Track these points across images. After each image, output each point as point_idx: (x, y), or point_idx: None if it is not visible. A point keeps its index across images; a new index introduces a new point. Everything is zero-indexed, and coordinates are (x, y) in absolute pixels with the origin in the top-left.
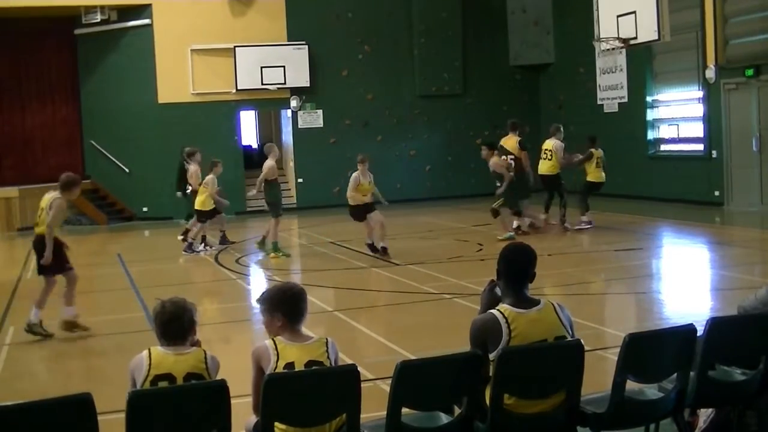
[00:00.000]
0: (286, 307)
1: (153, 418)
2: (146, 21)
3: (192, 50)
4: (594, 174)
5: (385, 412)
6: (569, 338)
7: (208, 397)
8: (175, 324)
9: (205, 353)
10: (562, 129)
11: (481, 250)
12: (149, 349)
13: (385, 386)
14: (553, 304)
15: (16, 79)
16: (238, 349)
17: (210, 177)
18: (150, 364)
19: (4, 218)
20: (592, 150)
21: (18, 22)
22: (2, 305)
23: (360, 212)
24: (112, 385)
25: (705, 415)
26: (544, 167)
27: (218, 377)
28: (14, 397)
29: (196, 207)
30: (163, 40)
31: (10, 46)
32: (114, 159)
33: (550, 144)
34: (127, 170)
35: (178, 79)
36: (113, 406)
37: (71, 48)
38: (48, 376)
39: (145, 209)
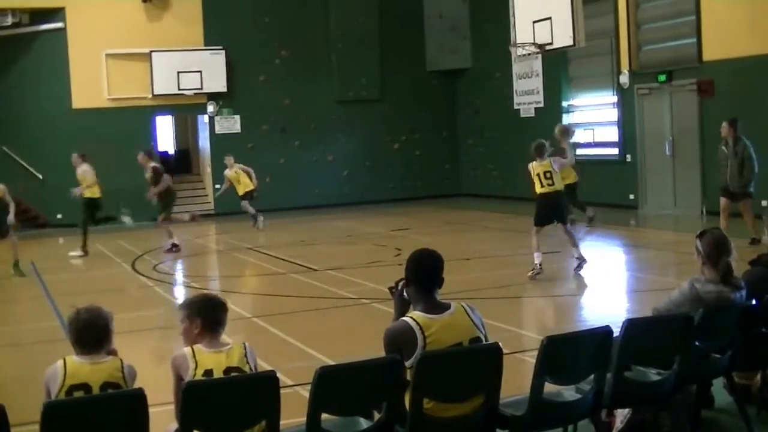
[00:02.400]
0: (205, 314)
1: (69, 429)
2: (59, 24)
3: (107, 54)
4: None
5: (304, 419)
6: (484, 340)
7: (125, 406)
8: (91, 332)
9: (122, 362)
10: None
11: (399, 254)
12: (64, 359)
13: (305, 392)
14: (463, 307)
15: None
16: (155, 358)
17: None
18: (65, 374)
19: None
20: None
21: None
22: None
23: None
24: (26, 397)
25: (622, 415)
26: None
27: (135, 386)
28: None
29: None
30: (76, 44)
31: None
32: (26, 165)
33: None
34: (40, 176)
35: (93, 84)
36: (27, 417)
37: None
38: None
39: (59, 216)
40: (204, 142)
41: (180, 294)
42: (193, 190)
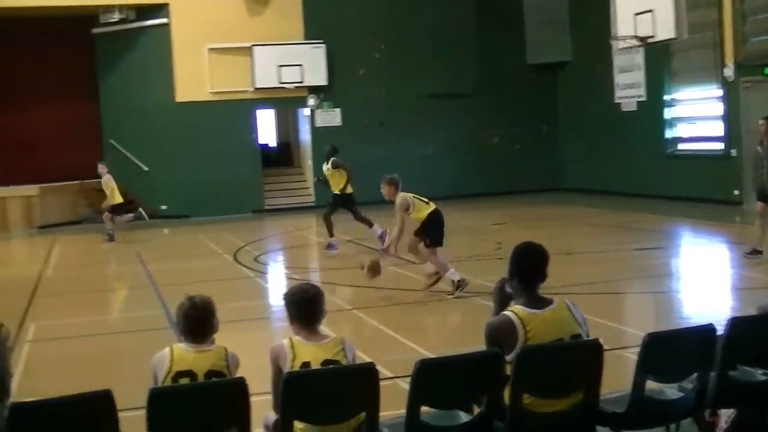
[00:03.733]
0: (302, 307)
1: (173, 415)
2: (164, 20)
3: (209, 49)
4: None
5: (403, 411)
6: (585, 337)
7: (227, 394)
8: (199, 320)
9: (226, 351)
10: None
11: (499, 248)
12: (171, 346)
13: (404, 384)
14: (566, 303)
15: (35, 78)
16: (256, 348)
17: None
18: (171, 361)
19: (25, 216)
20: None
21: (36, 22)
22: (23, 303)
23: None
24: (132, 383)
25: (726, 415)
26: None
27: (237, 375)
28: (35, 394)
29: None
30: (180, 39)
31: (28, 45)
32: (133, 158)
33: None
34: (146, 169)
35: (196, 78)
36: (134, 403)
37: (89, 48)
38: (68, 373)
39: (164, 207)
40: (304, 135)
41: (280, 285)
42: (294, 183)
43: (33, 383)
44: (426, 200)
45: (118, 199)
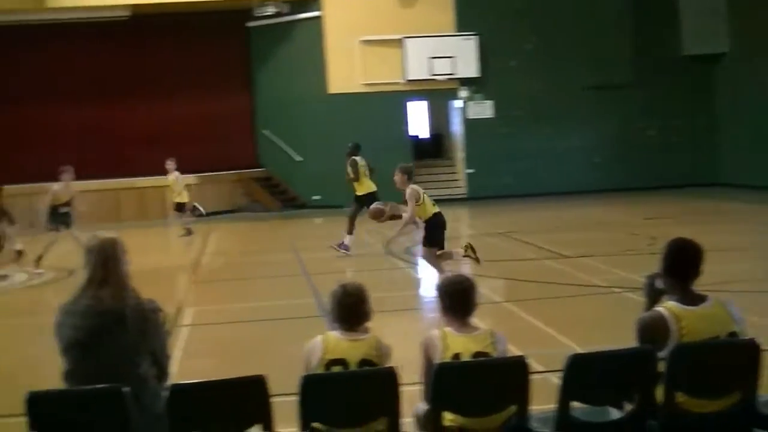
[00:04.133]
0: (454, 299)
1: (324, 402)
2: (317, 13)
3: (361, 41)
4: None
5: (553, 405)
6: (741, 335)
7: (378, 383)
8: (353, 307)
9: (379, 340)
10: None
11: (653, 244)
12: (325, 334)
13: (555, 379)
14: (722, 300)
15: (192, 71)
16: (407, 338)
17: None
18: (325, 349)
19: None
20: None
21: (193, 16)
22: (181, 288)
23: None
24: (283, 369)
25: None
26: None
27: (388, 365)
28: (191, 376)
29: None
30: (333, 31)
31: (185, 39)
32: (286, 148)
33: None
34: (299, 159)
35: (348, 69)
36: (285, 388)
37: (244, 40)
38: (223, 357)
39: (316, 197)
40: (456, 127)
41: (431, 276)
42: (445, 174)
43: (190, 366)
44: (433, 202)
45: (184, 198)
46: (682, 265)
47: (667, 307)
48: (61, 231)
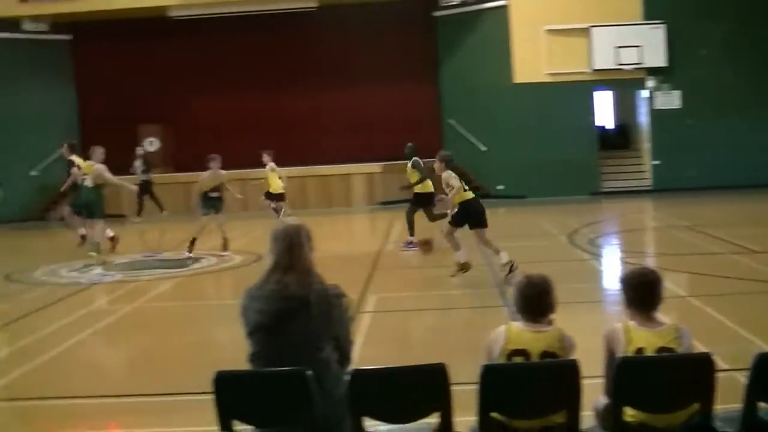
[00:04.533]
0: (639, 292)
1: (505, 393)
2: (503, 2)
3: (547, 30)
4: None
5: (738, 405)
6: None
7: (559, 375)
8: (537, 298)
9: (562, 333)
10: None
11: None
12: (508, 325)
13: (741, 378)
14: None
15: (378, 60)
16: (589, 331)
17: None
18: (507, 339)
19: (368, 192)
20: None
21: (379, 6)
22: (365, 275)
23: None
24: (462, 358)
25: None
26: None
27: (571, 358)
28: (372, 363)
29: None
30: (518, 20)
31: (371, 29)
32: (471, 138)
33: None
34: (483, 149)
35: (533, 59)
36: (463, 377)
37: (430, 30)
38: (403, 344)
39: (500, 187)
40: (642, 117)
41: (615, 269)
42: (631, 165)
43: (372, 352)
44: (467, 188)
45: (275, 188)
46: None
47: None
48: (212, 215)
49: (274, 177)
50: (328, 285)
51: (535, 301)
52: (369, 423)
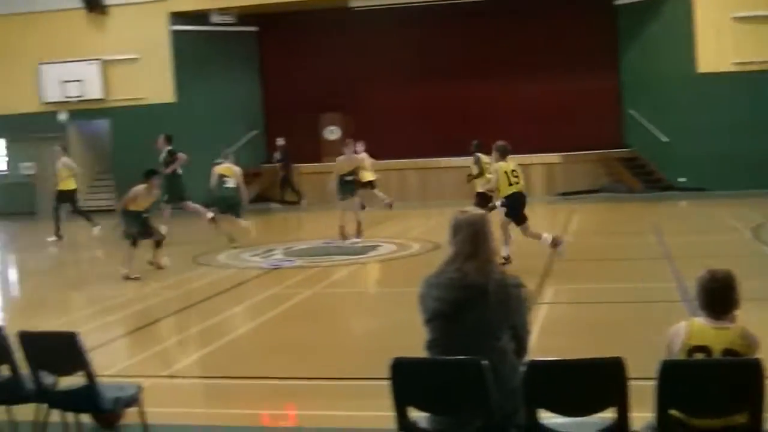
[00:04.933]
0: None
1: (685, 389)
2: None
3: (733, 18)
4: None
5: None
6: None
7: (741, 374)
8: (720, 294)
9: (746, 330)
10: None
11: None
12: (690, 320)
13: None
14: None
15: (556, 49)
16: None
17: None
18: (689, 335)
19: (547, 183)
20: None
21: None
22: (542, 266)
23: None
24: (639, 352)
25: None
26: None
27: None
28: (546, 354)
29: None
30: (703, 8)
31: (552, 18)
32: (652, 128)
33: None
34: (665, 140)
35: (719, 48)
36: (640, 372)
37: (611, 19)
38: (578, 336)
39: (682, 179)
40: None
41: None
42: None
43: (546, 343)
44: (515, 182)
45: (370, 177)
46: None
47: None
48: (347, 200)
49: (369, 166)
50: (507, 275)
51: (719, 297)
52: (544, 414)
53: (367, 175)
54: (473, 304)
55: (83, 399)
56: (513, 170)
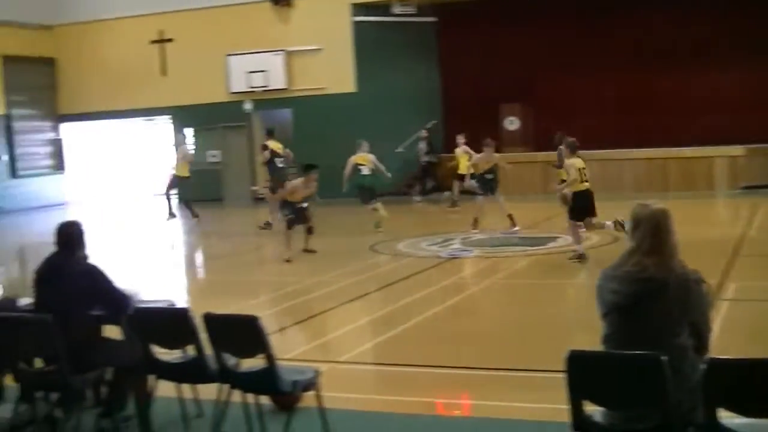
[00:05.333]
0: None
1: None
2: None
3: None
4: None
5: None
6: None
7: None
8: None
9: None
10: None
11: None
12: None
13: None
14: None
15: (742, 38)
16: None
17: None
18: None
19: (730, 176)
20: None
21: None
22: (724, 262)
23: None
24: None
25: None
26: None
27: None
28: (725, 352)
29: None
30: None
31: (737, 5)
32: None
33: None
34: None
35: None
36: None
37: None
38: (757, 335)
39: None
40: None
41: None
42: None
43: (728, 341)
44: (586, 180)
45: (463, 170)
46: None
47: None
48: (488, 195)
49: (464, 159)
50: (689, 269)
51: None
52: (723, 414)
53: (463, 168)
54: (652, 299)
55: (263, 381)
56: (583, 168)
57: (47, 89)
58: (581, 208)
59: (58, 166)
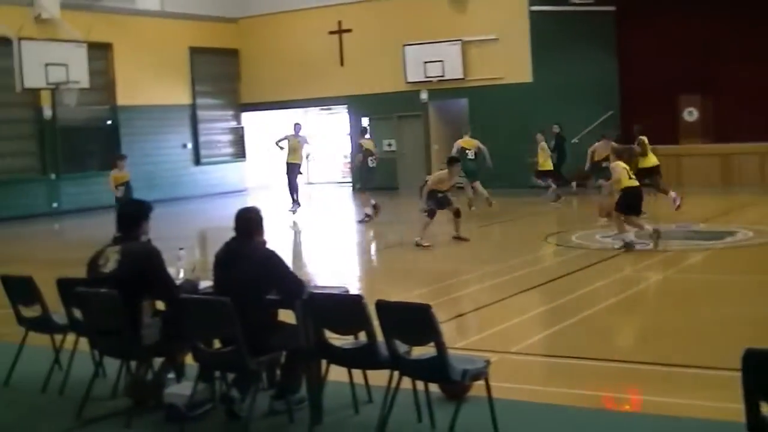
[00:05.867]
0: None
1: None
2: None
3: None
4: None
5: None
6: None
7: None
8: None
9: None
10: None
11: None
12: None
13: None
14: None
15: None
16: None
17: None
18: None
19: None
20: None
21: None
22: None
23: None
24: None
25: None
26: None
27: None
28: None
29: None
30: None
31: None
32: None
33: None
34: None
35: None
36: None
37: None
38: None
39: None
40: None
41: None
42: None
43: None
44: (632, 176)
45: (547, 166)
46: None
47: None
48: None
49: (544, 155)
50: None
51: None
52: None
53: (545, 164)
54: None
55: (433, 369)
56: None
57: (230, 80)
58: (629, 205)
59: (240, 153)
